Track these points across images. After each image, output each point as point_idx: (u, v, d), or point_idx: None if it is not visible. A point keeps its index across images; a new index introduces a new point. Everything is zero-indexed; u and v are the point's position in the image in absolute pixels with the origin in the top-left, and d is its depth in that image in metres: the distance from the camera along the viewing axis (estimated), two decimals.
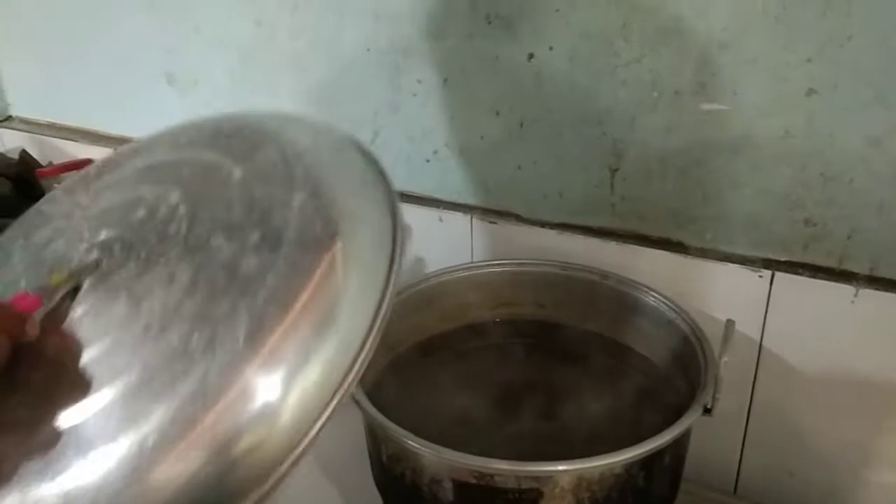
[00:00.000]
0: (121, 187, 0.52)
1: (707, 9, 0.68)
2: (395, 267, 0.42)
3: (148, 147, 0.56)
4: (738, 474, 0.83)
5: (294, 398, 0.37)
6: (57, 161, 1.30)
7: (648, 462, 0.57)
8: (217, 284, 0.39)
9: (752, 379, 0.78)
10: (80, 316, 0.42)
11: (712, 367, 0.61)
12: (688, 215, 0.77)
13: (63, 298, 0.42)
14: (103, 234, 0.47)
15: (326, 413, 0.37)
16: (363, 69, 0.93)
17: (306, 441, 0.37)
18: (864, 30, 0.63)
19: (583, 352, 0.80)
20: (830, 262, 0.71)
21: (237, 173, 0.46)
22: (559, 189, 0.84)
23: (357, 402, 0.61)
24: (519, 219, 0.88)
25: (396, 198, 0.47)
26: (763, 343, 0.76)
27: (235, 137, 0.50)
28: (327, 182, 0.44)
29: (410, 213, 0.94)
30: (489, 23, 0.80)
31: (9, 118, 1.44)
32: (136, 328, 0.40)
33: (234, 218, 0.42)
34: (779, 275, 0.73)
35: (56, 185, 1.28)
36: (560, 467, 0.54)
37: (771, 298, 0.74)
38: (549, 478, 0.54)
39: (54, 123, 1.36)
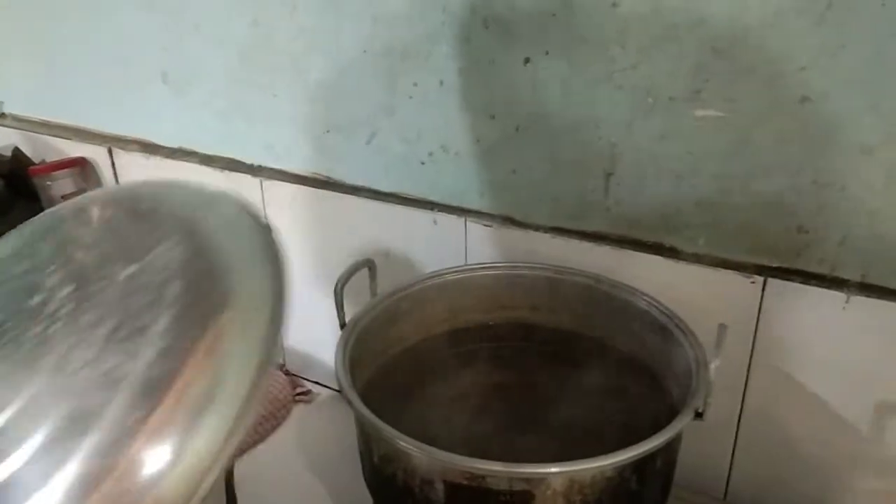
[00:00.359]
0: (32, 262, 0.52)
1: (702, 17, 0.69)
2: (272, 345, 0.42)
3: (66, 215, 0.56)
4: (728, 480, 0.84)
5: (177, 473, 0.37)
6: (50, 159, 1.30)
7: (640, 465, 0.57)
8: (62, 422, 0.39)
9: (744, 385, 0.79)
10: None
11: (704, 372, 0.61)
12: (681, 221, 0.77)
13: None
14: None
15: (204, 486, 0.38)
16: (360, 71, 0.93)
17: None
18: (858, 39, 0.63)
19: (576, 355, 0.80)
20: (822, 269, 0.71)
21: (129, 271, 0.46)
22: (554, 193, 0.84)
23: (350, 403, 0.61)
24: (513, 222, 0.88)
25: (285, 271, 0.47)
26: (755, 349, 0.77)
27: (146, 224, 0.50)
28: (207, 297, 0.43)
29: (405, 215, 0.95)
30: (486, 27, 0.81)
31: (1, 115, 1.43)
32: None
33: (100, 333, 0.42)
34: (771, 281, 0.74)
35: (48, 183, 1.28)
36: (552, 469, 0.54)
37: (763, 304, 0.75)
38: (540, 480, 0.54)
39: (47, 121, 1.35)
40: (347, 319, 0.73)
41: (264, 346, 0.41)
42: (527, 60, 0.80)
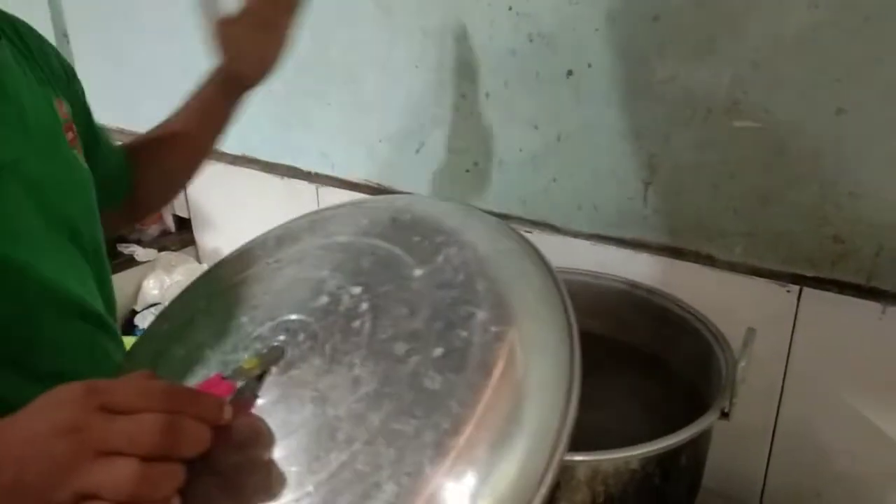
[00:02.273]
0: (302, 266, 0.52)
1: (740, 30, 0.71)
2: (575, 378, 0.41)
3: (324, 224, 0.55)
4: (763, 490, 0.84)
5: None
6: None
7: (664, 460, 0.59)
8: (403, 400, 0.38)
9: (779, 394, 0.79)
10: (267, 404, 0.42)
11: (732, 373, 0.63)
12: (718, 229, 0.79)
13: (249, 382, 0.42)
14: (288, 316, 0.47)
15: None
16: (411, 84, 0.98)
17: None
18: (893, 51, 0.64)
19: (611, 360, 0.81)
20: (859, 279, 0.72)
21: (418, 273, 0.45)
22: (594, 201, 0.87)
23: None
24: (554, 229, 0.91)
25: (567, 298, 0.45)
26: (790, 358, 0.77)
27: (414, 233, 0.49)
28: (506, 296, 0.42)
29: None
30: (531, 40, 0.84)
31: None
32: (322, 434, 0.39)
33: (416, 325, 0.42)
34: (807, 290, 0.74)
35: None
36: (577, 458, 0.56)
37: (799, 314, 0.75)
38: (565, 468, 0.57)
39: (124, 129, 1.45)
40: None
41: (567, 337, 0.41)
42: (569, 73, 0.83)
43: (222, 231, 1.39)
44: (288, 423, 0.40)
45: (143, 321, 1.27)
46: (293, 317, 0.47)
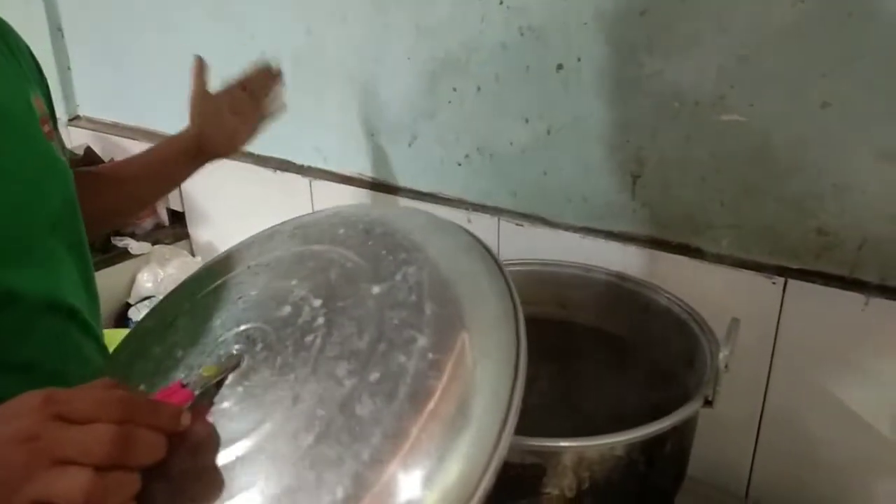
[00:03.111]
0: (276, 273, 0.54)
1: (726, 24, 0.72)
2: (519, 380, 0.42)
3: (305, 230, 0.57)
4: (749, 479, 0.85)
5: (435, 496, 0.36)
6: (119, 157, 1.40)
7: (649, 447, 0.60)
8: (332, 424, 0.39)
9: (765, 384, 0.80)
10: (220, 412, 0.43)
11: (715, 362, 0.64)
12: (705, 222, 0.80)
13: (208, 389, 0.44)
14: (251, 324, 0.49)
15: None
16: (404, 77, 0.99)
17: None
18: (877, 47, 0.65)
19: (599, 350, 0.82)
20: (842, 271, 0.73)
21: (375, 290, 0.46)
22: (583, 194, 0.88)
23: None
24: (544, 221, 0.92)
25: (520, 313, 0.46)
26: (776, 349, 0.78)
27: (382, 246, 0.50)
28: (453, 321, 0.43)
29: (440, 214, 0.99)
30: (521, 34, 0.85)
31: (77, 117, 1.54)
32: (260, 447, 0.40)
33: (361, 345, 0.43)
34: (791, 282, 0.75)
35: None
36: (562, 444, 0.57)
37: (784, 305, 0.76)
38: (552, 454, 0.58)
39: (118, 123, 1.46)
40: None
41: (512, 368, 0.42)
42: (559, 67, 0.84)
43: (216, 224, 1.40)
44: (235, 431, 0.41)
45: (137, 314, 1.27)
46: (255, 325, 0.48)
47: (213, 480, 0.39)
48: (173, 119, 0.84)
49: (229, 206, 1.34)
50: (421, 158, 1.02)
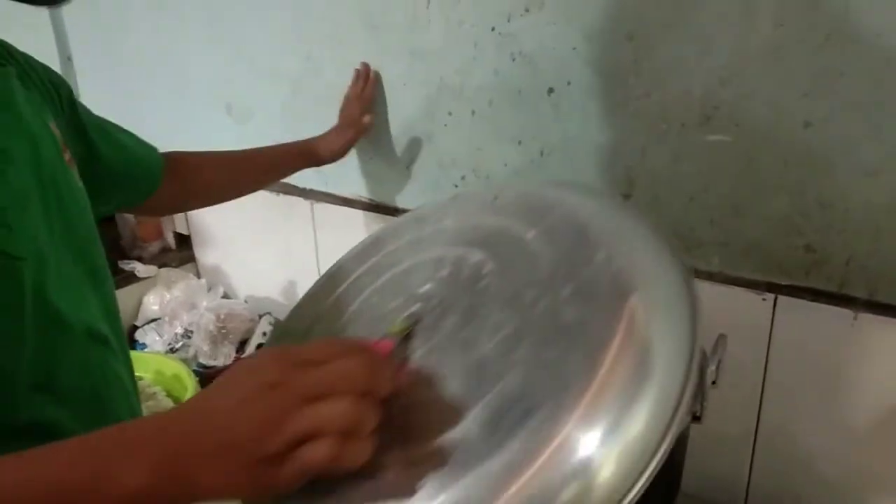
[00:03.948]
0: (419, 251, 0.57)
1: (709, 48, 0.73)
2: (698, 317, 0.42)
3: (426, 217, 0.63)
4: (746, 495, 0.85)
5: (614, 454, 0.36)
6: None
7: None
8: (543, 333, 0.40)
9: (759, 400, 0.81)
10: (418, 360, 0.45)
11: (703, 377, 0.65)
12: (695, 239, 0.81)
13: (398, 344, 0.46)
14: (417, 290, 0.51)
15: (648, 471, 0.36)
16: (400, 102, 1.01)
17: (627, 500, 0.36)
18: (856, 67, 0.67)
19: None
20: (831, 287, 0.74)
21: (531, 234, 0.48)
22: None
23: None
24: None
25: (678, 250, 0.47)
26: (768, 364, 0.79)
27: (516, 207, 0.53)
28: (618, 241, 0.45)
29: None
30: (513, 60, 0.87)
31: None
32: (473, 373, 0.41)
33: (540, 274, 0.44)
34: (781, 298, 0.76)
35: None
36: None
37: (775, 321, 0.77)
38: None
39: None
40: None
41: (690, 326, 0.42)
42: (550, 91, 0.86)
43: (221, 247, 1.42)
44: (440, 370, 0.43)
45: (144, 336, 1.29)
46: (422, 289, 0.52)
47: (433, 410, 0.41)
48: (172, 140, 0.87)
49: (234, 228, 1.36)
50: (418, 180, 1.04)
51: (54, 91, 0.66)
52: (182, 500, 0.36)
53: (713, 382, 0.65)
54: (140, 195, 0.81)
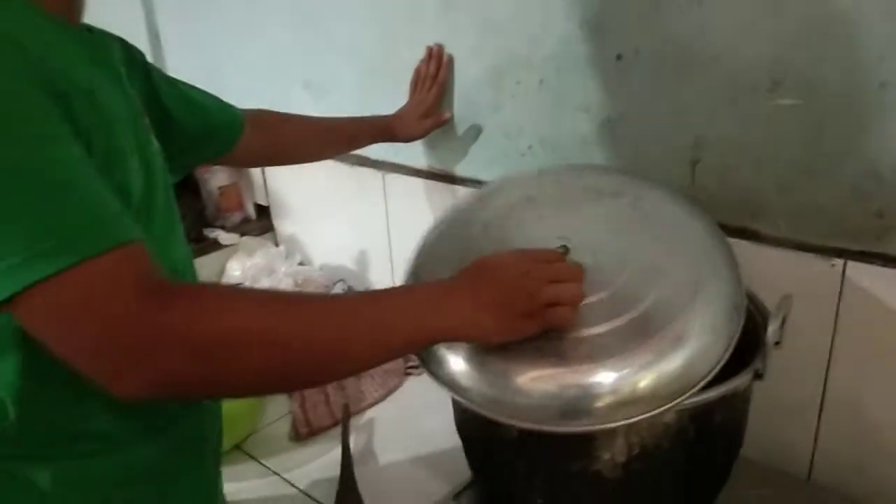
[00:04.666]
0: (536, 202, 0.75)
1: (780, 10, 0.73)
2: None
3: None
4: (811, 462, 0.85)
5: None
6: None
7: (698, 415, 0.63)
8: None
9: (826, 368, 0.81)
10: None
11: (763, 336, 0.66)
12: (763, 205, 0.81)
13: None
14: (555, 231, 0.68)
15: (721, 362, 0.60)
16: (471, 73, 1.04)
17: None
18: None
19: None
20: None
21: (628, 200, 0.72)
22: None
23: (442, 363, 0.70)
24: None
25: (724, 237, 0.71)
26: (836, 330, 0.79)
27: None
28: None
29: None
30: (581, 28, 0.89)
31: None
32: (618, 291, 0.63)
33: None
34: (851, 264, 0.76)
35: (206, 177, 1.48)
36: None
37: (844, 287, 0.77)
38: None
39: None
40: None
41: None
42: (619, 57, 0.87)
43: (298, 217, 1.49)
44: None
45: None
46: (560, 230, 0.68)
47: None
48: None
49: (310, 199, 1.43)
50: (487, 150, 1.06)
51: (132, 62, 0.73)
52: (464, 336, 0.58)
53: (777, 343, 0.66)
54: (218, 151, 0.90)
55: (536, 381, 0.59)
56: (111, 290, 0.45)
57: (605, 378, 0.58)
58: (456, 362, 0.63)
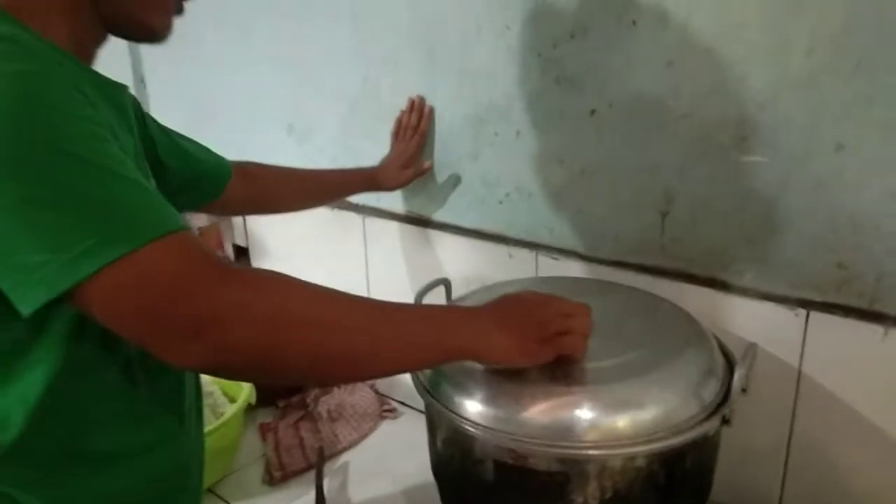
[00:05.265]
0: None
1: (746, 74, 0.78)
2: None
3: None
4: None
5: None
6: None
7: (669, 460, 0.64)
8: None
9: (791, 413, 0.83)
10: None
11: (729, 382, 0.68)
12: (730, 257, 0.84)
13: None
14: None
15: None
16: (450, 122, 1.08)
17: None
18: (887, 93, 0.70)
19: None
20: (862, 304, 0.76)
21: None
22: (615, 231, 0.94)
23: (427, 392, 0.72)
24: (580, 256, 0.98)
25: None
26: (801, 377, 0.81)
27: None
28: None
29: (482, 249, 1.07)
30: (558, 83, 0.93)
31: None
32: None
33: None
34: (814, 314, 0.79)
35: (187, 216, 1.49)
36: (586, 452, 0.62)
37: (807, 336, 0.80)
38: (575, 461, 0.63)
39: None
40: None
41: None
42: (592, 112, 0.91)
43: (277, 258, 1.50)
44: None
45: None
46: None
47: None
48: (234, 156, 0.95)
49: (289, 241, 1.44)
50: (464, 197, 1.09)
51: (130, 107, 0.75)
52: (486, 356, 0.63)
53: (744, 390, 0.68)
54: (205, 197, 0.93)
55: (534, 405, 0.65)
56: (176, 268, 0.49)
57: (589, 411, 0.64)
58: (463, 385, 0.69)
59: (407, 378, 1.25)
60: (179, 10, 0.67)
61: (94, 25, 0.61)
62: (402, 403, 1.27)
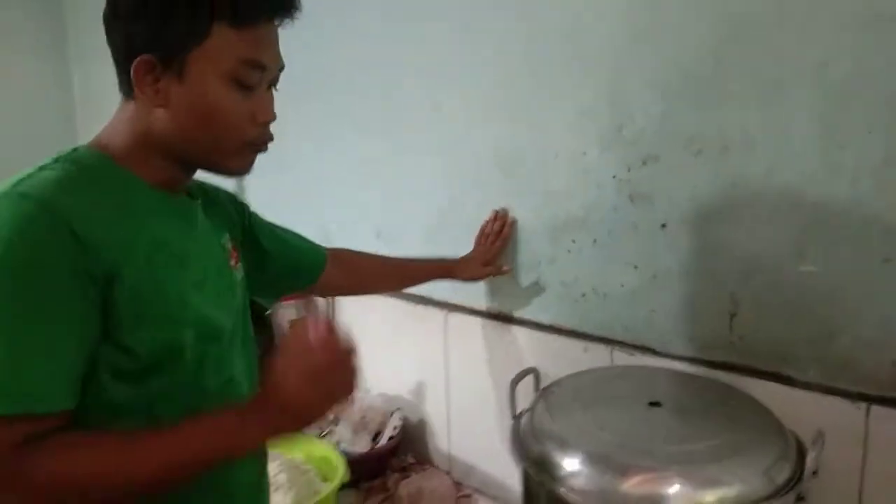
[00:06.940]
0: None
1: (799, 202, 0.91)
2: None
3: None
4: None
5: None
6: None
7: None
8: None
9: (858, 496, 0.91)
10: None
11: (802, 463, 0.77)
12: (794, 354, 0.94)
13: None
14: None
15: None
16: (531, 230, 1.22)
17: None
18: None
19: None
20: None
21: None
22: (687, 329, 1.05)
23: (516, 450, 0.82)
24: (654, 352, 1.08)
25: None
26: (865, 466, 0.89)
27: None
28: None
29: (560, 344, 1.19)
30: (631, 200, 1.07)
31: None
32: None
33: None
34: (874, 407, 0.88)
35: (279, 310, 1.63)
36: None
37: (869, 426, 0.89)
38: None
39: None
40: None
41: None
42: (663, 226, 1.04)
43: (361, 346, 1.62)
44: None
45: None
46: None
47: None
48: (320, 222, 1.10)
49: (374, 332, 1.57)
50: (543, 295, 1.22)
51: (235, 213, 0.92)
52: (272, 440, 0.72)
53: (815, 472, 0.77)
54: (303, 283, 1.08)
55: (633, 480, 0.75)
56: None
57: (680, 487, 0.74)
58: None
59: (482, 465, 1.35)
60: (263, 149, 0.81)
61: (186, 169, 0.77)
62: (477, 490, 1.35)
